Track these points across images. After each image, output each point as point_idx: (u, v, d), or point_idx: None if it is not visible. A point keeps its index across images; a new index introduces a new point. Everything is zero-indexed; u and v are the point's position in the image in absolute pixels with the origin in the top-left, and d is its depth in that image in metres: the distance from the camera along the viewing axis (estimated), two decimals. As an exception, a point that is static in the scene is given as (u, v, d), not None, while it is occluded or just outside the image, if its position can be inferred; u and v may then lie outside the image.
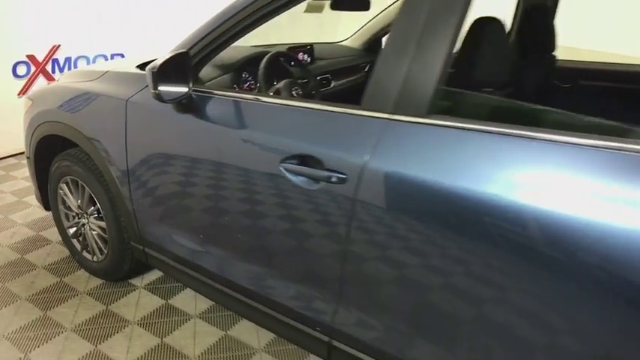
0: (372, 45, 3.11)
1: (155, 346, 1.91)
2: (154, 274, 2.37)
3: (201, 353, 1.88)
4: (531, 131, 1.04)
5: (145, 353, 1.88)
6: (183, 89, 1.54)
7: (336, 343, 1.47)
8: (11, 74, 3.86)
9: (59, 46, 4.09)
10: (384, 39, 2.89)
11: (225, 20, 1.55)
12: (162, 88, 1.48)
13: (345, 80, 2.73)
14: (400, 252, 1.22)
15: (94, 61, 4.33)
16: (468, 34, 1.59)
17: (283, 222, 1.45)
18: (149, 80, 1.47)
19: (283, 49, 2.39)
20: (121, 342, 1.94)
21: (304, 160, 1.34)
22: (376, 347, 1.38)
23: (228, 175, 1.55)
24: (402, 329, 1.32)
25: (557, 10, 2.40)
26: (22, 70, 3.92)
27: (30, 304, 2.16)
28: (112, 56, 4.45)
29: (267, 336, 1.97)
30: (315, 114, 1.39)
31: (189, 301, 2.19)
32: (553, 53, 2.40)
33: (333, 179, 1.27)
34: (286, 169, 1.36)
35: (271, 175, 1.41)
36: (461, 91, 1.37)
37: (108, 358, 1.85)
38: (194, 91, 1.60)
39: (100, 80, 2.00)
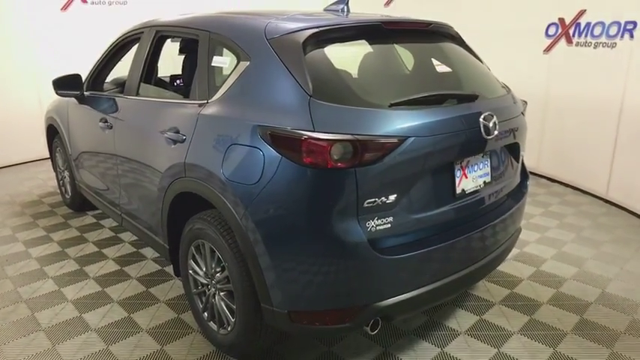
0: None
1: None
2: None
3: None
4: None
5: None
6: (76, 92, 3.15)
7: (123, 215, 2.91)
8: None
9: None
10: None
11: (99, 60, 3.17)
12: (60, 91, 3.12)
13: None
14: (132, 166, 2.64)
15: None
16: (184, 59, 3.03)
17: (101, 148, 2.96)
18: (53, 85, 3.11)
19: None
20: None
21: (105, 119, 2.84)
22: (129, 211, 2.80)
23: (96, 134, 3.10)
24: (129, 204, 2.73)
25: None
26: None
27: (18, 206, 3.91)
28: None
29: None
30: (120, 99, 2.90)
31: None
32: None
33: (109, 126, 2.76)
34: (100, 126, 2.87)
35: (99, 127, 2.92)
36: (147, 84, 2.75)
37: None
38: (87, 92, 3.20)
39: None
